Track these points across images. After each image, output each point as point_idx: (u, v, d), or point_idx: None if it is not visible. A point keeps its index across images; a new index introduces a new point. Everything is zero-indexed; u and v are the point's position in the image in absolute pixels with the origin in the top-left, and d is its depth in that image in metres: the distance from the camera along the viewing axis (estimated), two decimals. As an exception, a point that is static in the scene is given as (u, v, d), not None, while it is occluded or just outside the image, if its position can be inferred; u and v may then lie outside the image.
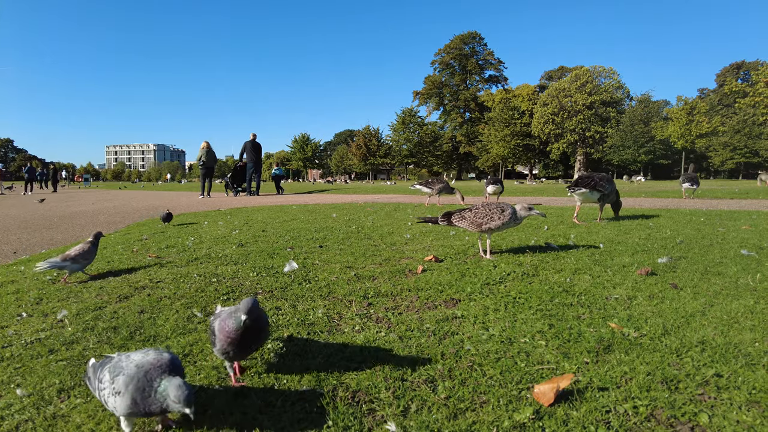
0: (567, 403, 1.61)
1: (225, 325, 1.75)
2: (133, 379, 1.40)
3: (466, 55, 77.81)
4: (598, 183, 6.17)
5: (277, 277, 3.56)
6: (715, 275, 3.31)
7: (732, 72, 70.39)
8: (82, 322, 2.62)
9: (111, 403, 1.43)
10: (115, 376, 1.43)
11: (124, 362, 1.47)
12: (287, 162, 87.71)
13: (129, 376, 1.41)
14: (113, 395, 1.41)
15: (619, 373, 1.82)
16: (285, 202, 12.88)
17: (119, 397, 1.39)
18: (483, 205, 4.07)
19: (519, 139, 65.71)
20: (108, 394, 1.43)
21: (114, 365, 1.47)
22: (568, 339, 2.19)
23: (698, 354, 1.98)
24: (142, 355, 1.49)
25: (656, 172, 66.03)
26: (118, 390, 1.40)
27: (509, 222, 3.91)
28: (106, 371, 1.48)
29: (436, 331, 2.35)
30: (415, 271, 3.63)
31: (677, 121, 55.36)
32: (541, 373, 1.86)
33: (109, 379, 1.44)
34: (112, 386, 1.42)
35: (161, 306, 2.89)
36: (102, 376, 1.48)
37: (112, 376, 1.44)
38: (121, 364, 1.46)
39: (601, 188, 6.18)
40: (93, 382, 1.54)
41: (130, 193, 24.52)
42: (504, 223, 3.90)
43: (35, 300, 3.12)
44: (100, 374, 1.50)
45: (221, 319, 1.79)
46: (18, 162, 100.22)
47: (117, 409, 1.41)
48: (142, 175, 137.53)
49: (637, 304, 2.71)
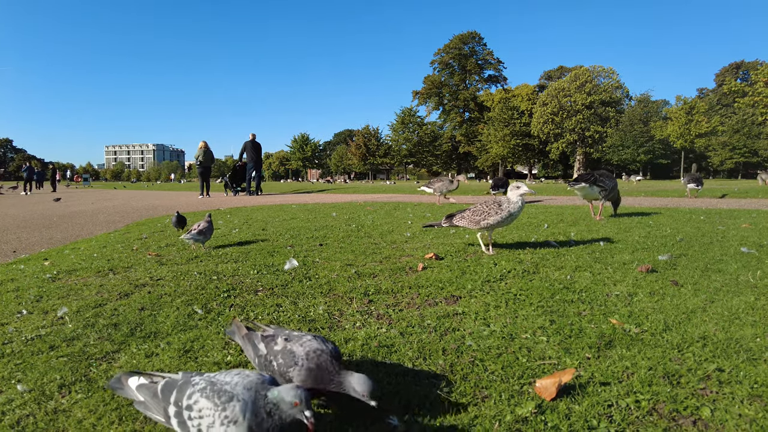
0: (569, 398, 1.61)
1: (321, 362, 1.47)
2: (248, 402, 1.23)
3: (465, 55, 77.81)
4: (598, 179, 6.21)
5: (277, 275, 3.55)
6: (716, 272, 3.31)
7: (731, 72, 70.48)
8: (82, 319, 2.62)
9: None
10: (225, 402, 1.24)
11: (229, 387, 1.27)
12: (286, 162, 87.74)
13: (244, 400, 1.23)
14: (223, 425, 1.22)
15: (620, 368, 1.82)
16: (284, 202, 12.87)
17: (234, 426, 1.21)
18: (481, 203, 4.08)
19: (518, 139, 65.75)
20: (210, 423, 1.23)
21: (213, 389, 1.27)
22: (569, 335, 2.19)
23: (700, 349, 1.98)
24: (240, 377, 1.31)
25: (655, 171, 66.09)
26: (234, 419, 1.21)
27: (507, 217, 3.92)
28: (198, 396, 1.28)
29: (437, 328, 2.35)
30: (416, 269, 3.63)
31: (676, 120, 55.42)
32: (543, 368, 1.86)
33: (212, 405, 1.24)
34: (222, 414, 1.22)
35: (162, 303, 2.88)
36: (190, 402, 1.28)
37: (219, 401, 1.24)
38: (226, 388, 1.27)
39: (601, 183, 6.21)
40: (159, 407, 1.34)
41: (130, 193, 24.51)
42: (503, 218, 3.91)
43: (35, 298, 3.12)
44: (178, 398, 1.30)
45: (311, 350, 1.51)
46: (17, 162, 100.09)
47: None
48: (141, 175, 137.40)
49: (637, 300, 2.71)
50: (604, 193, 6.29)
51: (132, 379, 1.40)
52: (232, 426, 1.20)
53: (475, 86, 79.44)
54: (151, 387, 1.35)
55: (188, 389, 1.29)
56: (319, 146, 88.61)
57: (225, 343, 2.22)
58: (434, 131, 75.16)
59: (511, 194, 3.92)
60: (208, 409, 1.23)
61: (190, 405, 1.26)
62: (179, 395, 1.29)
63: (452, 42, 77.93)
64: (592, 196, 6.42)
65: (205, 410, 1.23)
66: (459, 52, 77.63)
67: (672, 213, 7.50)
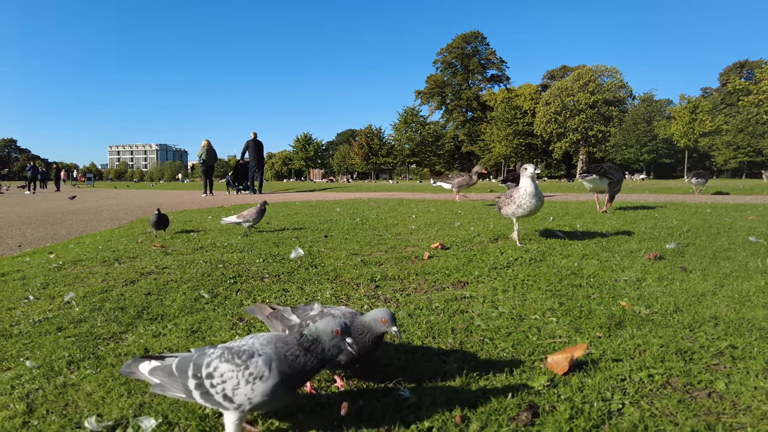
0: (581, 372, 1.59)
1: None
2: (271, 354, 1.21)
3: (468, 55, 77.73)
4: (608, 171, 6.30)
5: (283, 263, 3.55)
6: (724, 260, 3.29)
7: (735, 71, 70.14)
8: (89, 303, 2.61)
9: (243, 393, 1.20)
10: (246, 360, 1.21)
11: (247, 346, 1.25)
12: (289, 161, 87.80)
13: (266, 354, 1.21)
14: (249, 383, 1.19)
15: (632, 346, 1.80)
16: (287, 200, 12.88)
17: (260, 382, 1.19)
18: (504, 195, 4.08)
19: (521, 139, 65.63)
20: (235, 385, 1.20)
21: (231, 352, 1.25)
22: (579, 316, 2.17)
23: (711, 328, 1.96)
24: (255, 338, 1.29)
25: (659, 171, 65.85)
26: (259, 374, 1.19)
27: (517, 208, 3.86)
28: (217, 362, 1.24)
29: (445, 309, 2.34)
30: (422, 258, 3.62)
31: (680, 119, 55.23)
32: (554, 346, 1.85)
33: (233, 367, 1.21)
34: (246, 372, 1.20)
35: (168, 289, 2.88)
36: (209, 370, 1.24)
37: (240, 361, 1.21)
38: (244, 348, 1.25)
39: (610, 176, 6.32)
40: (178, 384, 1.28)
41: (133, 192, 24.56)
42: (513, 209, 3.87)
43: (42, 285, 3.12)
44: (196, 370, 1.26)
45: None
46: (21, 162, 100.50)
47: (254, 397, 1.20)
48: (144, 175, 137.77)
49: (646, 285, 2.69)
50: (612, 185, 6.35)
51: (143, 364, 1.36)
52: (259, 382, 1.19)
53: (478, 86, 79.35)
54: (165, 367, 1.32)
55: (205, 359, 1.26)
56: (322, 146, 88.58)
57: (233, 324, 2.21)
58: (437, 131, 75.04)
59: (523, 179, 3.84)
60: (230, 371, 1.21)
61: (210, 373, 1.23)
62: (197, 368, 1.26)
63: (455, 41, 77.87)
64: (600, 188, 6.47)
65: (227, 374, 1.21)
66: (462, 51, 77.55)
67: (678, 207, 7.47)
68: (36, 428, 1.35)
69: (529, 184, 3.84)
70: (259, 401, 1.20)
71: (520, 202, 3.85)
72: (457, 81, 78.87)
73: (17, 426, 1.36)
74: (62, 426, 1.35)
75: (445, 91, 79.15)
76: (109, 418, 1.39)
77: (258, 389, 1.19)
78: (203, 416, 1.39)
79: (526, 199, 3.84)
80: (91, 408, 1.45)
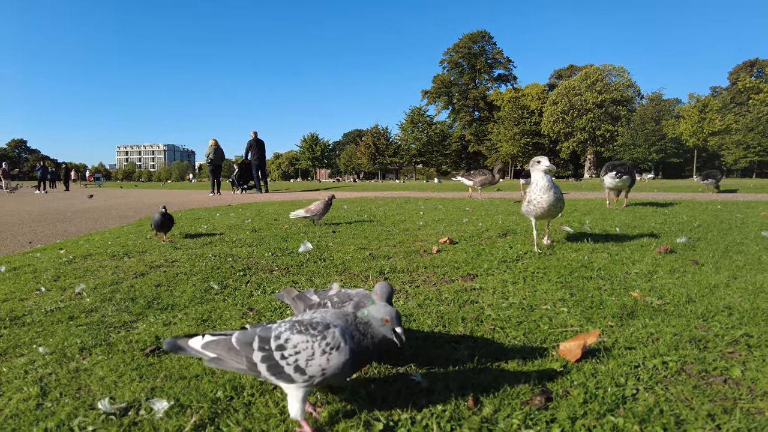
0: (594, 359, 1.58)
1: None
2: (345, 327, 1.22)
3: (475, 54, 77.47)
4: (632, 169, 6.50)
5: (292, 257, 3.55)
6: (737, 253, 3.25)
7: (745, 69, 69.42)
8: (99, 294, 2.63)
9: (318, 364, 1.19)
10: (322, 330, 1.22)
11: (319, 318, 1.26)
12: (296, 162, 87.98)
13: (341, 326, 1.22)
14: (325, 354, 1.19)
15: (645, 335, 1.79)
16: (294, 198, 12.90)
17: (336, 353, 1.19)
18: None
19: (528, 138, 65.30)
20: (310, 355, 1.20)
21: (303, 324, 1.25)
22: (590, 306, 2.16)
23: (725, 318, 1.94)
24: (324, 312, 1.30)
25: (667, 170, 65.30)
26: (336, 344, 1.19)
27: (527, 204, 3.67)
28: (289, 334, 1.24)
29: (455, 300, 2.33)
30: (430, 252, 3.61)
31: (689, 118, 54.69)
32: (565, 335, 1.83)
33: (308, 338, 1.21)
34: (323, 342, 1.20)
35: (178, 280, 2.89)
36: (280, 342, 1.23)
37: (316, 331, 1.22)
38: (317, 319, 1.25)
39: (632, 174, 6.53)
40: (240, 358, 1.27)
41: (142, 191, 24.71)
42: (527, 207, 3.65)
43: (53, 277, 3.14)
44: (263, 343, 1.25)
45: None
46: (31, 162, 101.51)
47: (328, 368, 1.19)
48: (152, 175, 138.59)
49: (657, 277, 2.66)
50: (631, 182, 6.48)
51: (193, 340, 1.33)
52: (335, 352, 1.18)
53: (485, 85, 79.05)
54: (224, 341, 1.30)
55: (273, 332, 1.26)
56: (329, 146, 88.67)
57: (242, 314, 2.22)
58: (443, 130, 74.85)
59: (534, 174, 3.49)
60: (305, 342, 1.21)
61: (281, 345, 1.23)
62: (263, 340, 1.25)
63: (462, 41, 77.65)
64: (623, 186, 6.55)
65: (301, 344, 1.21)
66: (468, 51, 77.32)
67: (688, 203, 7.40)
68: (50, 410, 1.36)
69: (540, 178, 3.44)
70: (331, 373, 1.20)
71: (531, 197, 3.49)
72: (463, 80, 78.62)
73: (31, 408, 1.37)
74: (76, 408, 1.36)
75: (451, 91, 78.95)
76: (121, 400, 1.39)
77: (333, 360, 1.19)
78: (215, 399, 1.39)
79: (536, 194, 3.44)
80: (104, 391, 1.46)
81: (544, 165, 3.35)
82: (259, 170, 17.56)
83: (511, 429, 1.21)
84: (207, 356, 1.30)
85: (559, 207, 3.48)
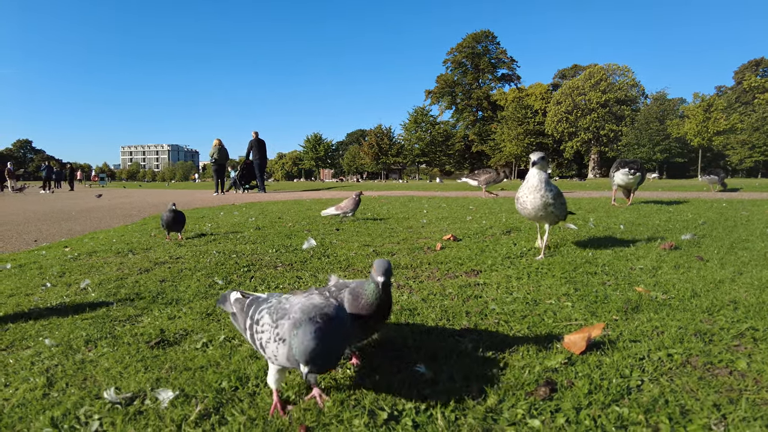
0: (599, 351, 1.57)
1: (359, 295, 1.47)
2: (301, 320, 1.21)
3: (478, 54, 77.37)
4: (643, 168, 6.53)
5: (296, 253, 3.56)
6: (742, 250, 3.24)
7: (751, 69, 69.03)
8: (104, 289, 2.64)
9: (270, 350, 1.26)
10: (278, 319, 1.26)
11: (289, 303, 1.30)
12: (299, 162, 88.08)
13: (294, 320, 1.22)
14: (275, 342, 1.24)
15: (649, 328, 1.78)
16: (297, 198, 12.93)
17: (282, 345, 1.22)
18: None
19: (532, 138, 65.15)
20: (267, 339, 1.27)
21: (274, 308, 1.30)
22: (594, 300, 2.15)
23: (731, 312, 1.93)
24: (302, 297, 1.31)
25: (672, 170, 65.01)
26: (283, 337, 1.22)
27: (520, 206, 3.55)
28: (265, 311, 1.32)
29: (459, 295, 2.33)
30: (434, 248, 3.61)
31: (694, 118, 54.43)
32: (570, 328, 1.83)
33: (270, 321, 1.27)
34: (275, 332, 1.25)
35: (182, 276, 2.90)
36: (258, 317, 1.32)
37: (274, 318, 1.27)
38: (285, 305, 1.29)
39: (644, 172, 6.60)
40: (239, 320, 1.43)
41: (146, 191, 24.80)
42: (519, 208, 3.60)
43: (58, 273, 3.15)
44: (252, 314, 1.35)
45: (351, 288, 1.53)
46: (36, 162, 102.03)
47: (279, 356, 1.24)
48: (156, 175, 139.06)
49: (662, 273, 2.65)
50: (641, 180, 6.54)
51: (234, 293, 1.53)
52: (281, 344, 1.22)
53: (489, 85, 78.94)
54: (242, 301, 1.46)
55: (263, 305, 1.35)
56: (332, 146, 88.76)
57: (247, 308, 2.22)
58: (447, 130, 74.76)
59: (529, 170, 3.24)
60: (268, 324, 1.28)
61: (258, 320, 1.32)
62: (255, 310, 1.35)
63: (465, 41, 77.56)
64: (634, 183, 6.59)
65: (266, 326, 1.28)
66: (472, 51, 77.21)
67: (692, 202, 7.37)
68: (56, 399, 1.37)
69: (532, 176, 3.08)
70: (281, 362, 1.24)
71: (518, 194, 3.17)
72: (467, 80, 78.52)
73: (38, 397, 1.38)
74: (81, 397, 1.37)
75: (455, 91, 78.85)
76: (127, 390, 1.40)
77: (281, 351, 1.22)
78: (220, 389, 1.39)
79: (523, 192, 3.11)
80: (110, 382, 1.46)
81: (532, 158, 2.99)
82: (260, 170, 17.61)
83: (516, 418, 1.21)
84: (230, 311, 1.49)
85: (547, 212, 3.07)
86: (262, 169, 17.68)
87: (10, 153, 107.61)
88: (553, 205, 3.04)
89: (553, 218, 3.15)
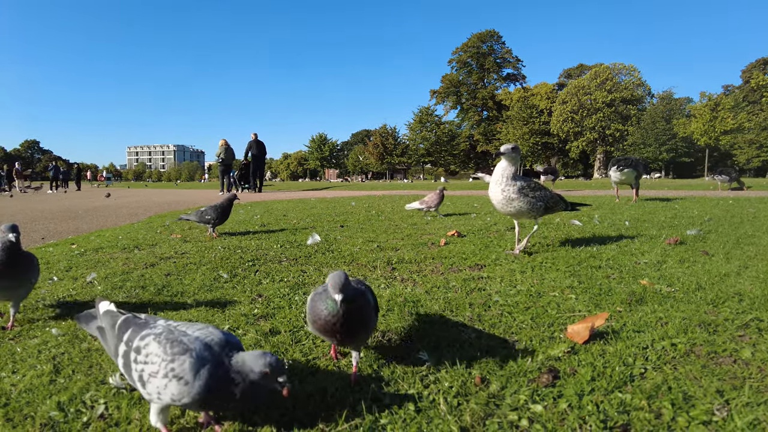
0: (602, 341, 1.57)
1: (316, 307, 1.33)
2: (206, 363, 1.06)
3: (483, 54, 77.21)
4: (638, 163, 6.54)
5: (300, 249, 3.57)
6: (748, 245, 3.22)
7: (758, 68, 68.45)
8: (110, 282, 2.66)
9: (156, 385, 1.08)
10: (176, 354, 1.07)
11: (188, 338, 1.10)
12: (304, 162, 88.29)
13: (199, 358, 1.06)
14: (166, 378, 1.06)
15: (653, 319, 1.78)
16: (302, 197, 12.96)
17: (176, 383, 1.05)
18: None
19: (537, 138, 64.99)
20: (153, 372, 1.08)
21: (167, 336, 1.11)
22: (598, 293, 2.15)
23: (735, 303, 1.93)
24: (204, 332, 1.13)
25: (678, 170, 64.62)
26: (180, 375, 1.05)
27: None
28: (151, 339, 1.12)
29: (462, 287, 2.33)
30: (438, 244, 3.61)
31: (700, 117, 54.11)
32: (573, 319, 1.83)
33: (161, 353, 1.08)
34: (170, 366, 1.06)
35: (187, 270, 2.92)
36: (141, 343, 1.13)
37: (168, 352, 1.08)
38: (183, 339, 1.10)
39: (639, 168, 6.61)
40: (109, 339, 1.23)
41: (152, 190, 24.93)
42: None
43: (65, 268, 3.18)
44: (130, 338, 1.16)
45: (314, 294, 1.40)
46: (44, 162, 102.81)
47: (164, 394, 1.07)
48: (162, 175, 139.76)
49: (667, 267, 2.65)
50: (638, 177, 6.52)
51: (104, 303, 1.30)
52: (176, 382, 1.04)
53: (494, 85, 78.75)
54: (114, 317, 1.24)
55: (145, 330, 1.15)
56: (337, 146, 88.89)
57: (251, 299, 2.24)
58: (452, 130, 74.70)
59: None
60: (156, 356, 1.08)
61: (139, 347, 1.12)
62: (134, 334, 1.15)
63: (470, 40, 77.44)
64: (630, 180, 6.58)
65: (153, 356, 1.09)
66: (477, 50, 77.07)
67: (699, 200, 7.34)
68: (62, 385, 1.38)
69: (496, 168, 2.98)
70: (167, 400, 1.08)
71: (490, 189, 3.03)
72: (472, 80, 78.38)
73: (45, 383, 1.40)
74: (87, 383, 1.38)
75: (460, 91, 78.72)
76: (132, 377, 1.41)
77: (171, 388, 1.06)
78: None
79: (491, 185, 3.00)
80: (115, 368, 1.48)
81: (502, 149, 2.86)
82: (257, 170, 17.73)
83: (518, 404, 1.21)
84: (99, 324, 1.28)
85: (514, 208, 2.92)
86: (261, 169, 17.76)
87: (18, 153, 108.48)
88: (518, 200, 2.89)
89: (525, 214, 2.99)
